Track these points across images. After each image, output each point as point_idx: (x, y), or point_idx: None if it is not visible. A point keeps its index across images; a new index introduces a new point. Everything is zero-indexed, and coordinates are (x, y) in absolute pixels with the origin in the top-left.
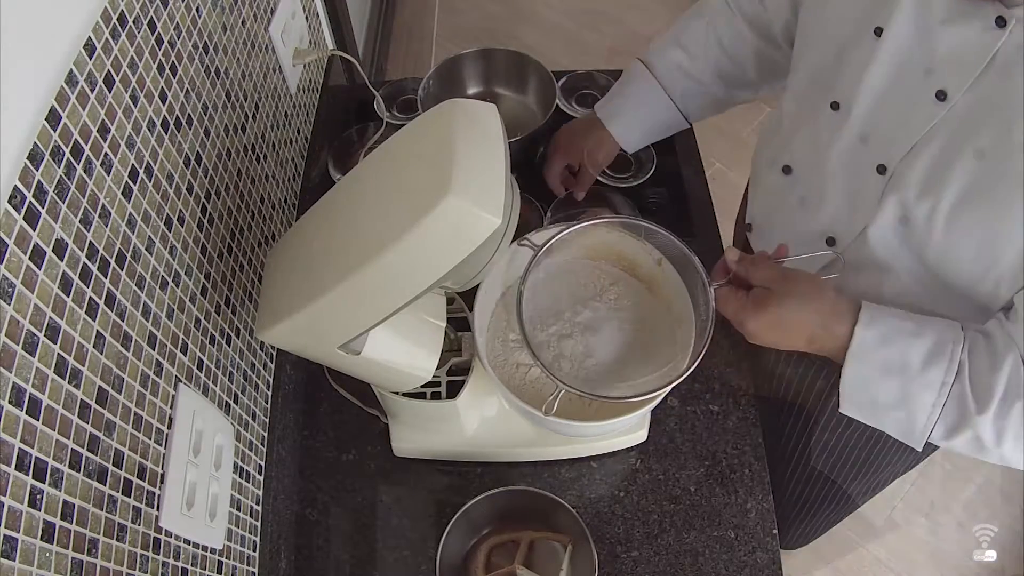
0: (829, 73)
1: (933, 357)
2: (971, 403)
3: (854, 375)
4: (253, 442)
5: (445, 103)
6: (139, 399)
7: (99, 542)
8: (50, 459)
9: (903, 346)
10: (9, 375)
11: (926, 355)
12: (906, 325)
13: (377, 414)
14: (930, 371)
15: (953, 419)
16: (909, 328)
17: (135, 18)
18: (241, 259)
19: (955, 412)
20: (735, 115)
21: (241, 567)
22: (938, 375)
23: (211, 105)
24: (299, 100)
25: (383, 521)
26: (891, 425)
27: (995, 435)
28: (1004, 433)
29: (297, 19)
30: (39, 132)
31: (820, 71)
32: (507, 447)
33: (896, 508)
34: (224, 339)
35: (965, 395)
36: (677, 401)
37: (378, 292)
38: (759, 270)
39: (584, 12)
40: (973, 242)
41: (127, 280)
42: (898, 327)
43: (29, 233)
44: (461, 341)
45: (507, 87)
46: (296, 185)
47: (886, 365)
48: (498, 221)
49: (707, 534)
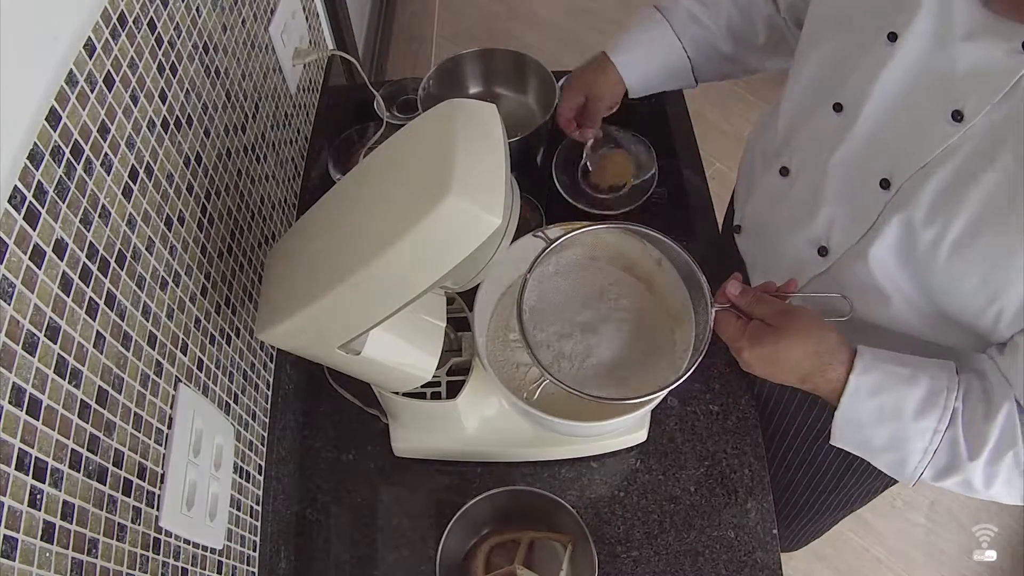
0: (834, 72)
1: (926, 406)
2: (963, 449)
3: (847, 419)
4: (253, 442)
5: (445, 103)
6: (139, 399)
7: (99, 542)
8: (50, 459)
9: (897, 395)
10: (9, 375)
11: (919, 403)
12: (901, 372)
13: (377, 414)
14: (923, 420)
15: (944, 463)
16: (904, 375)
17: (135, 18)
18: (241, 259)
19: (946, 457)
20: (735, 115)
21: (241, 567)
22: (931, 423)
23: (211, 105)
24: (299, 100)
25: (383, 521)
26: (882, 463)
27: (984, 480)
28: (994, 479)
29: (297, 19)
30: (39, 132)
31: (825, 68)
32: (507, 447)
33: (896, 508)
34: (224, 339)
35: (957, 441)
36: (677, 401)
37: (378, 292)
38: (760, 306)
39: (584, 12)
40: (978, 273)
41: (127, 280)
42: (893, 374)
43: (29, 233)
44: (461, 341)
45: (507, 87)
46: (296, 185)
47: (879, 412)
48: (498, 221)
49: (707, 534)
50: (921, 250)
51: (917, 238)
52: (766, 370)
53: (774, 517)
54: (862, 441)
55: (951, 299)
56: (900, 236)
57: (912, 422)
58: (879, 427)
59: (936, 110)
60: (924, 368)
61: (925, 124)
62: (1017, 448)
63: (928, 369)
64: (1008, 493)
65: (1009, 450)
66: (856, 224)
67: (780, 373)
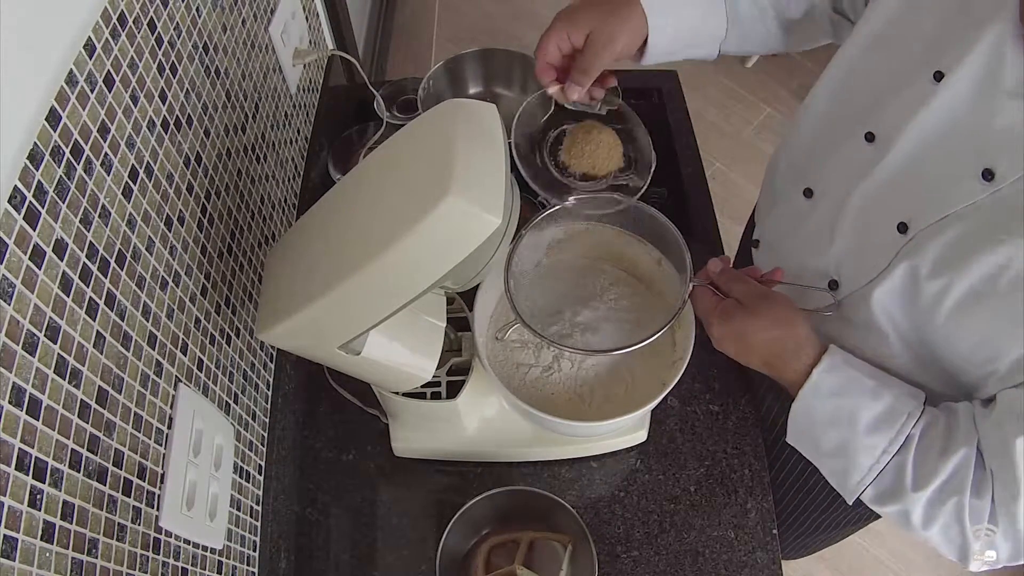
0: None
1: (880, 424)
2: (908, 478)
3: (801, 414)
4: (253, 442)
5: (445, 103)
6: (139, 399)
7: (99, 542)
8: (50, 459)
9: (855, 403)
10: (9, 375)
11: (874, 419)
12: (866, 383)
13: (377, 414)
14: (874, 435)
15: (887, 487)
16: (867, 386)
17: (135, 18)
18: (241, 259)
19: (891, 481)
20: (735, 115)
21: (241, 567)
22: (880, 442)
23: (211, 105)
24: (299, 100)
25: (383, 521)
26: (827, 470)
27: (923, 519)
28: (932, 522)
29: (297, 19)
30: (39, 132)
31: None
32: (507, 447)
33: None
34: (224, 339)
35: (905, 468)
36: (677, 401)
37: (378, 292)
38: (737, 285)
39: None
40: (977, 333)
41: (127, 280)
42: (857, 382)
43: (29, 233)
44: (461, 341)
45: (507, 87)
46: (296, 185)
47: (834, 415)
48: (498, 221)
49: (707, 534)
50: (923, 301)
51: (921, 289)
52: (733, 348)
53: (774, 517)
54: (813, 441)
55: (946, 351)
56: (905, 284)
57: (863, 435)
58: (831, 429)
59: (967, 164)
60: (890, 387)
61: (954, 175)
62: (963, 497)
63: (894, 389)
64: (945, 542)
65: (954, 496)
66: (868, 266)
67: (745, 353)
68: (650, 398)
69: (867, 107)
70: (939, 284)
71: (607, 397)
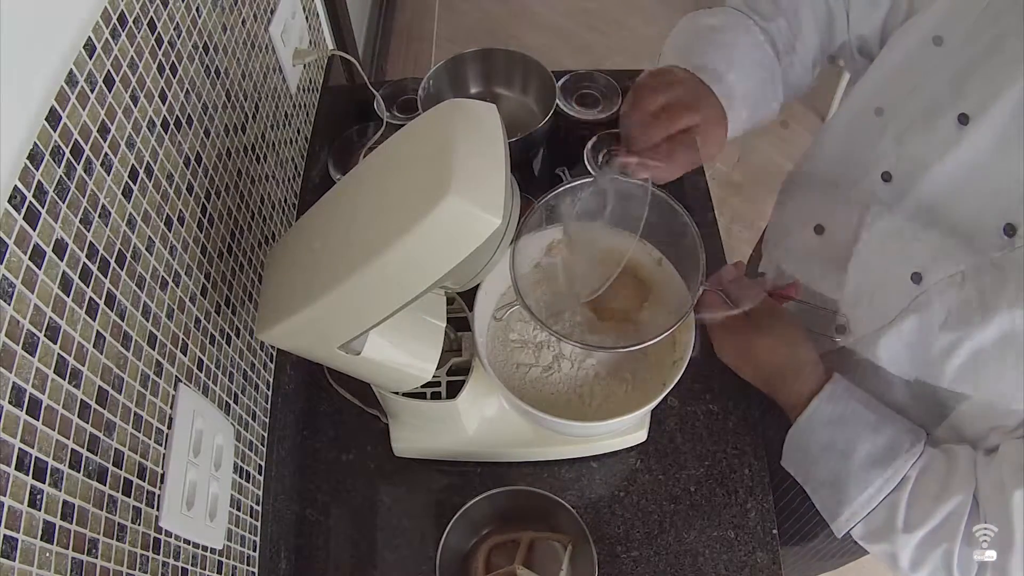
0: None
1: (877, 461)
2: (900, 519)
3: (798, 440)
4: (253, 442)
5: (445, 103)
6: (139, 399)
7: (99, 542)
8: (50, 459)
9: (854, 435)
10: (9, 375)
11: (871, 454)
12: (867, 416)
13: (377, 414)
14: (869, 472)
15: (878, 526)
16: (868, 420)
17: (135, 18)
18: (241, 259)
19: (882, 520)
20: None
21: (241, 567)
22: (875, 479)
23: (211, 105)
24: (299, 100)
25: (383, 521)
26: (819, 500)
27: (911, 562)
28: (920, 566)
29: (297, 19)
30: (39, 132)
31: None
32: (507, 447)
33: None
34: (224, 339)
35: (898, 508)
36: (677, 401)
37: (378, 292)
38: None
39: (584, 12)
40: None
41: (127, 280)
42: (858, 414)
43: (29, 233)
44: (461, 341)
45: (507, 87)
46: (296, 185)
47: (830, 445)
48: (498, 221)
49: (707, 534)
50: (933, 354)
51: (931, 342)
52: (734, 362)
53: (774, 517)
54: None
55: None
56: (915, 335)
57: (859, 469)
58: (826, 459)
59: (988, 217)
60: (892, 423)
61: (973, 228)
62: (953, 544)
63: (896, 425)
64: None
65: (944, 543)
66: (879, 314)
67: (746, 368)
68: (650, 398)
69: (886, 145)
70: (950, 338)
71: (607, 397)
